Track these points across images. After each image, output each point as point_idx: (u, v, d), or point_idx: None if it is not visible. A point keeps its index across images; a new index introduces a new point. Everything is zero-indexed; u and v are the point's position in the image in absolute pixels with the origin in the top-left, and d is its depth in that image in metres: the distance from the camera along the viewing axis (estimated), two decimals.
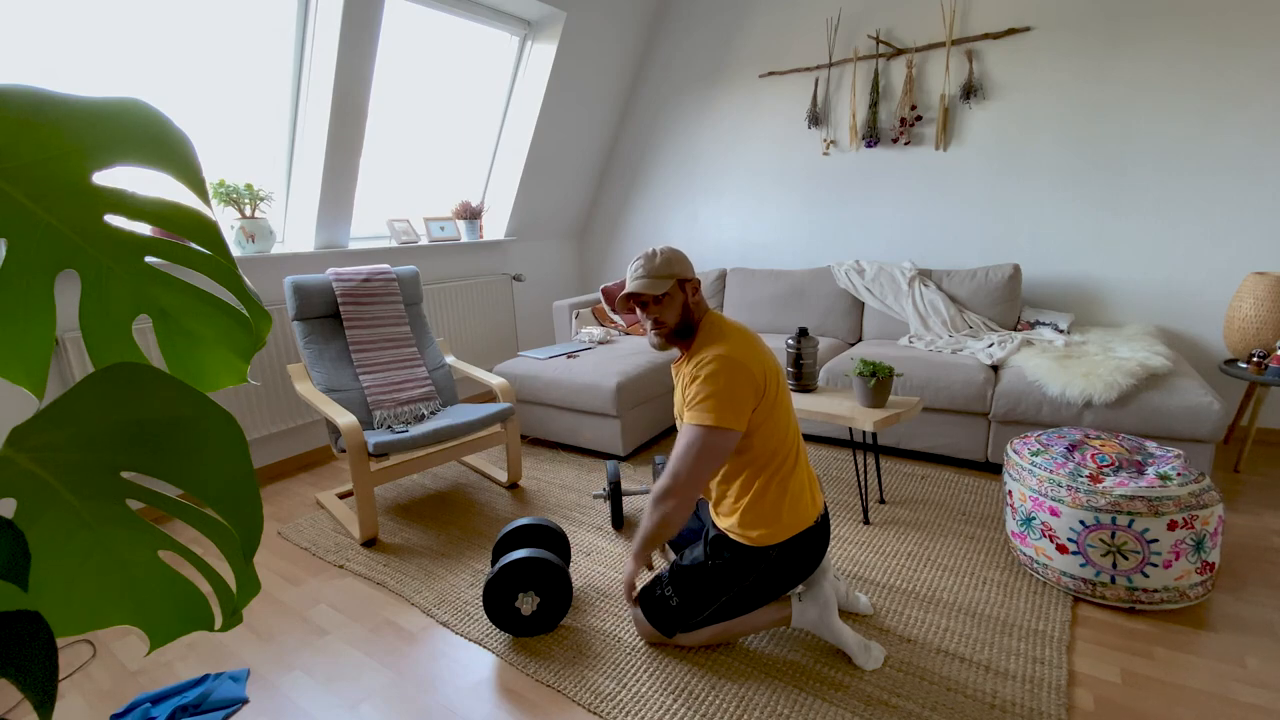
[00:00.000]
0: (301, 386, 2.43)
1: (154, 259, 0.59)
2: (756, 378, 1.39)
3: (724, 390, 1.37)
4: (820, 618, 1.53)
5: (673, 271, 1.48)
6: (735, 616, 1.56)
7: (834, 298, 3.33)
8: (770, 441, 1.44)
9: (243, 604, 0.58)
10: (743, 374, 1.38)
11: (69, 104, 0.49)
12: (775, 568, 1.49)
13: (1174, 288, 2.83)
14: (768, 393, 1.43)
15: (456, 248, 3.70)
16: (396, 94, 3.23)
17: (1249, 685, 1.40)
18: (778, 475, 1.46)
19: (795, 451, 1.50)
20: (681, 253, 1.53)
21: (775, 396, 1.45)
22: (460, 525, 2.33)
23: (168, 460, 0.51)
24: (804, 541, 1.49)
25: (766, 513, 1.46)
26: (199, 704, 1.47)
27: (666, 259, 1.49)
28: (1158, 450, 1.78)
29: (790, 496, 1.47)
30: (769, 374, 1.44)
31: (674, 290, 1.48)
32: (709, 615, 1.55)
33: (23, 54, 2.09)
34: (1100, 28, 2.80)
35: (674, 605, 1.56)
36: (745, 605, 1.54)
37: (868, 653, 1.51)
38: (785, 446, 1.47)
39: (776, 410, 1.45)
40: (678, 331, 1.51)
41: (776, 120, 3.71)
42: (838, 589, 1.68)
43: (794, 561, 1.49)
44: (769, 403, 1.43)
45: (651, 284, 1.46)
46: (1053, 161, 3.00)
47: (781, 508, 1.46)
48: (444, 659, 1.63)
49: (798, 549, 1.49)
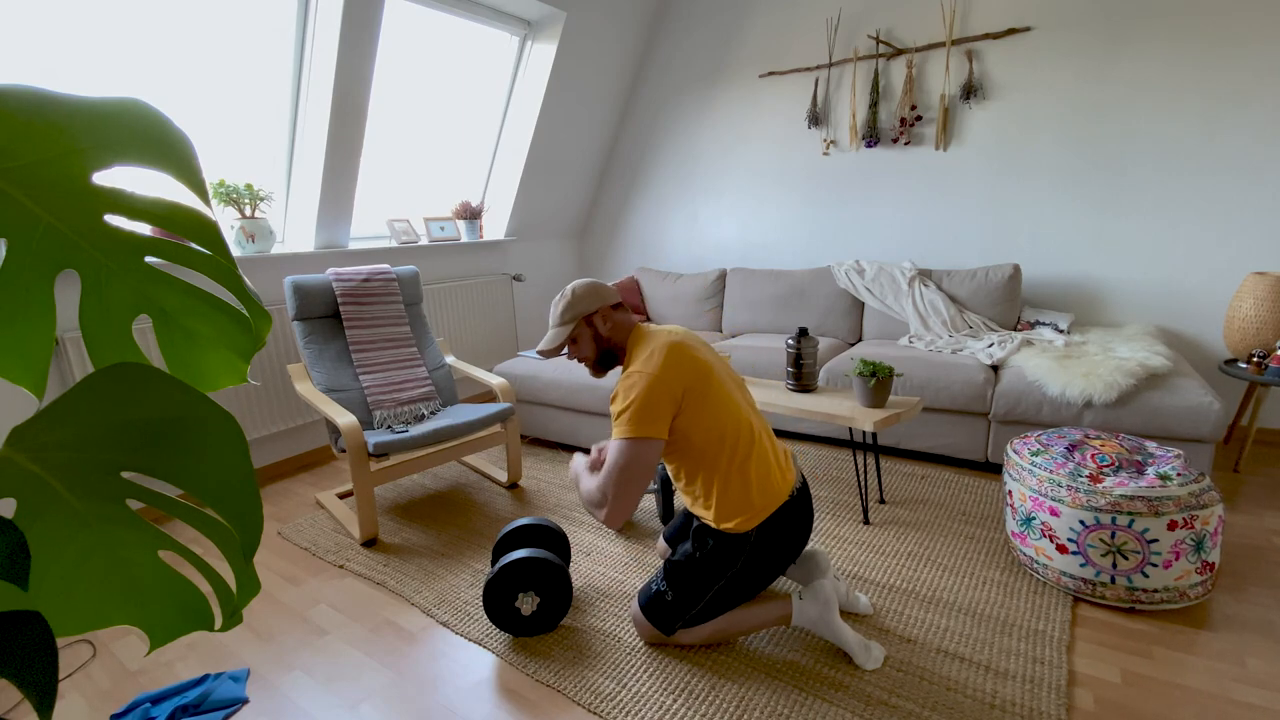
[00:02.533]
0: (301, 386, 2.43)
1: (154, 259, 0.59)
2: (673, 385, 1.45)
3: (637, 402, 1.44)
4: (820, 616, 1.54)
5: (575, 314, 1.61)
6: (731, 607, 1.57)
7: (834, 298, 3.33)
8: (713, 433, 1.48)
9: (243, 604, 0.58)
10: (657, 385, 1.44)
11: (69, 104, 0.49)
12: (760, 550, 1.51)
13: (1174, 288, 2.83)
14: (692, 393, 1.47)
15: (456, 248, 3.70)
16: (396, 94, 3.23)
17: (1249, 685, 1.40)
18: (734, 463, 1.49)
19: (750, 436, 1.52)
20: (588, 286, 1.62)
21: (706, 392, 1.49)
22: (460, 525, 2.33)
23: (168, 460, 0.51)
24: (782, 518, 1.52)
25: (735, 501, 1.49)
26: (199, 704, 1.47)
27: (569, 303, 1.61)
28: (1158, 450, 1.78)
29: (756, 480, 1.50)
30: (698, 374, 1.49)
31: (580, 329, 1.61)
32: (705, 607, 1.56)
33: (23, 54, 2.09)
34: (1100, 28, 2.80)
35: (670, 600, 1.57)
36: (739, 593, 1.55)
37: (868, 652, 1.51)
38: (734, 434, 1.50)
39: (710, 404, 1.49)
40: (601, 360, 1.64)
41: (776, 120, 3.71)
42: (838, 589, 1.68)
43: (777, 540, 1.52)
44: (697, 400, 1.47)
45: (556, 335, 1.62)
46: (1053, 161, 3.00)
47: (749, 493, 1.49)
48: (444, 659, 1.63)
49: (777, 527, 1.51)
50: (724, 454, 1.49)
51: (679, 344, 1.52)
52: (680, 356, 1.49)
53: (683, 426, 1.47)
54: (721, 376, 1.56)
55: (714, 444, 1.49)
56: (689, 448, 1.49)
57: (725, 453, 1.49)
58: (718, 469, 1.49)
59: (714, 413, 1.49)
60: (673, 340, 1.52)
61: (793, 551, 1.55)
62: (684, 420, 1.47)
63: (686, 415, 1.47)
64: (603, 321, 1.61)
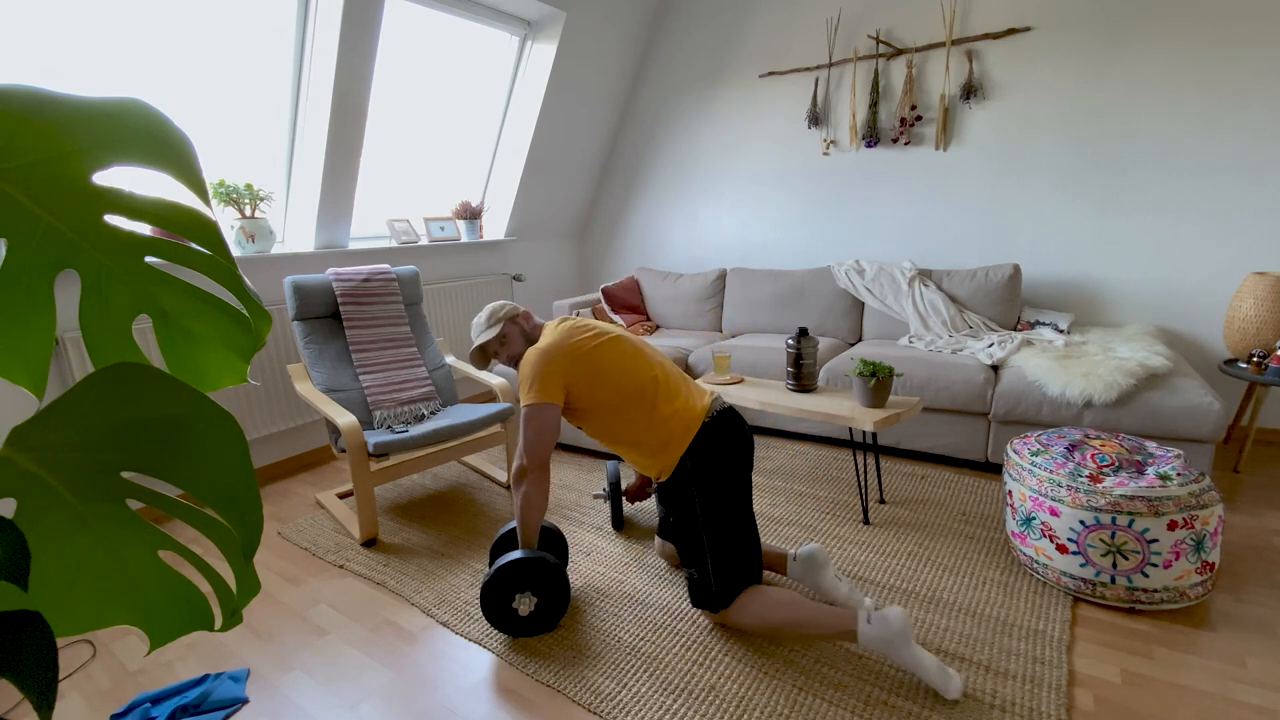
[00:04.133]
0: (301, 386, 2.43)
1: (154, 259, 0.59)
2: (562, 358, 1.66)
3: (531, 375, 1.66)
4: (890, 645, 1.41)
5: (501, 316, 1.85)
6: (742, 553, 1.59)
7: (834, 298, 3.33)
8: (622, 392, 1.66)
9: (243, 604, 0.58)
10: (546, 359, 1.66)
11: (69, 104, 0.49)
12: (702, 474, 1.60)
13: (1174, 288, 2.83)
14: (581, 364, 1.66)
15: (456, 248, 3.70)
16: (397, 94, 3.23)
17: (1249, 685, 1.40)
18: (643, 410, 1.65)
19: (654, 384, 1.68)
20: (500, 301, 1.89)
21: (597, 362, 1.67)
22: (460, 525, 2.33)
23: (168, 460, 0.51)
24: (709, 438, 1.62)
25: (656, 437, 1.64)
26: (199, 704, 1.47)
27: (491, 311, 1.86)
28: (1158, 450, 1.78)
29: (670, 415, 1.64)
30: (586, 345, 1.68)
31: (508, 328, 1.85)
32: (720, 566, 1.59)
33: (23, 54, 2.09)
34: (1100, 28, 2.80)
35: (696, 578, 1.64)
36: (729, 532, 1.59)
37: (947, 680, 1.38)
38: (640, 389, 1.66)
39: (606, 368, 1.67)
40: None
41: (776, 120, 3.71)
42: (838, 589, 1.68)
43: (714, 458, 1.61)
44: (589, 369, 1.66)
45: (487, 335, 1.84)
46: (1053, 161, 3.00)
47: (669, 427, 1.63)
48: (444, 659, 1.63)
49: (707, 447, 1.61)
50: (633, 405, 1.65)
51: (577, 328, 1.72)
52: (579, 334, 1.70)
53: (580, 392, 1.66)
54: (621, 343, 1.73)
55: (623, 399, 1.66)
56: (596, 404, 1.67)
57: (634, 404, 1.65)
58: (631, 419, 1.65)
59: (615, 374, 1.67)
60: (572, 324, 1.74)
61: (738, 468, 1.63)
62: (581, 387, 1.66)
63: (582, 383, 1.66)
64: (525, 321, 1.88)
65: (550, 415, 1.65)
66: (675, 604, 1.80)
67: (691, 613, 1.76)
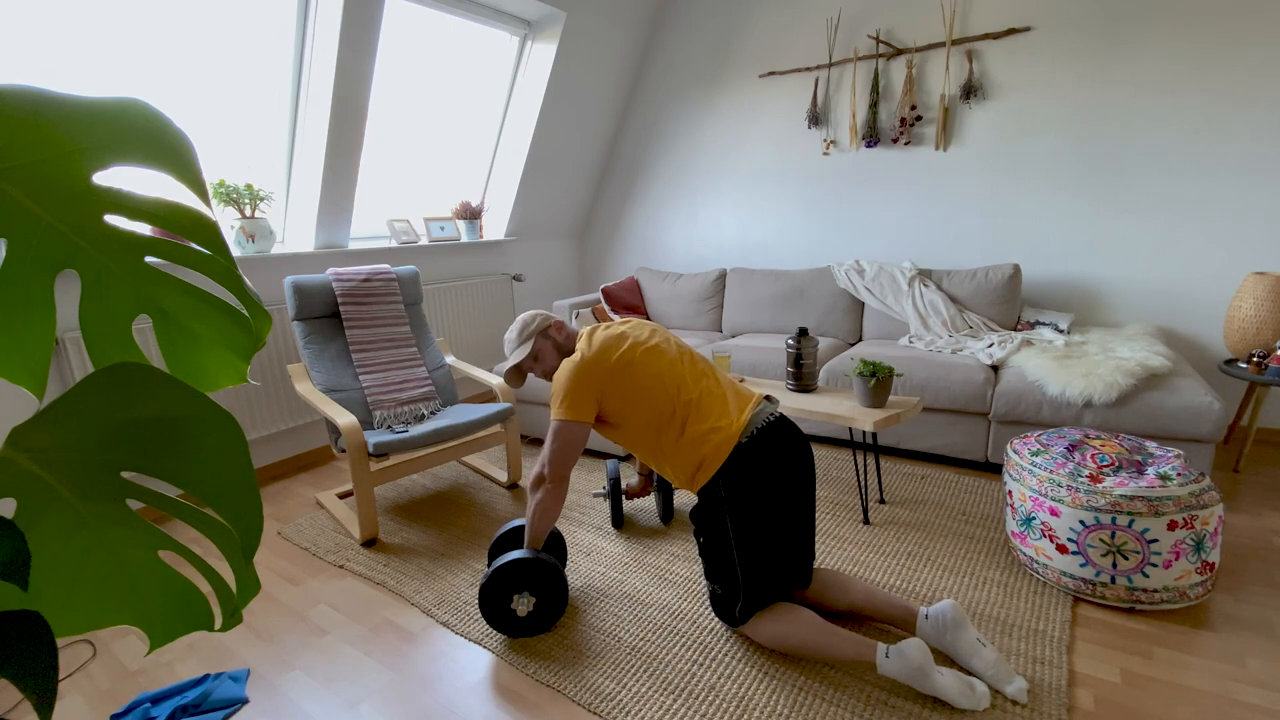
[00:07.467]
0: (301, 386, 2.43)
1: (154, 259, 0.59)
2: (596, 375, 1.60)
3: (563, 390, 1.60)
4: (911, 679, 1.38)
5: (532, 331, 1.78)
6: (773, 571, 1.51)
7: (834, 298, 3.33)
8: (655, 408, 1.58)
9: (243, 604, 0.58)
10: (580, 375, 1.60)
11: (69, 104, 0.49)
12: (736, 497, 1.51)
13: (1174, 288, 2.83)
14: (616, 380, 1.59)
15: (456, 248, 3.70)
16: (396, 94, 3.23)
17: (1249, 685, 1.40)
18: (678, 427, 1.57)
19: (693, 401, 1.59)
20: (533, 312, 1.82)
21: (630, 379, 1.59)
22: (460, 525, 2.33)
23: (168, 460, 0.51)
24: (744, 460, 1.51)
25: (689, 456, 1.55)
26: (199, 704, 1.47)
27: (523, 325, 1.79)
28: (1158, 450, 1.78)
29: (699, 438, 1.54)
30: (620, 360, 1.61)
31: (540, 343, 1.78)
32: (749, 582, 1.52)
33: (23, 54, 2.09)
34: (1100, 28, 2.80)
35: (721, 594, 1.61)
36: (762, 551, 1.50)
37: (972, 694, 1.35)
38: (676, 403, 1.58)
39: (641, 381, 1.59)
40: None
41: (776, 120, 3.71)
42: (980, 657, 1.45)
43: (750, 481, 1.50)
44: (622, 386, 1.59)
45: (519, 354, 1.77)
46: (1053, 161, 3.00)
47: (699, 450, 1.54)
48: (444, 659, 1.63)
49: (742, 469, 1.50)
50: (669, 421, 1.58)
51: (614, 337, 1.65)
52: (614, 347, 1.62)
53: (614, 407, 1.60)
54: (659, 356, 1.64)
55: (658, 413, 1.58)
56: (624, 420, 1.60)
57: (665, 419, 1.58)
58: (664, 435, 1.58)
59: (650, 387, 1.59)
60: (612, 334, 1.66)
61: (780, 486, 1.51)
62: (614, 402, 1.60)
63: (616, 398, 1.59)
64: (557, 333, 1.80)
65: (577, 433, 1.60)
66: (675, 604, 1.80)
67: (692, 613, 1.76)
